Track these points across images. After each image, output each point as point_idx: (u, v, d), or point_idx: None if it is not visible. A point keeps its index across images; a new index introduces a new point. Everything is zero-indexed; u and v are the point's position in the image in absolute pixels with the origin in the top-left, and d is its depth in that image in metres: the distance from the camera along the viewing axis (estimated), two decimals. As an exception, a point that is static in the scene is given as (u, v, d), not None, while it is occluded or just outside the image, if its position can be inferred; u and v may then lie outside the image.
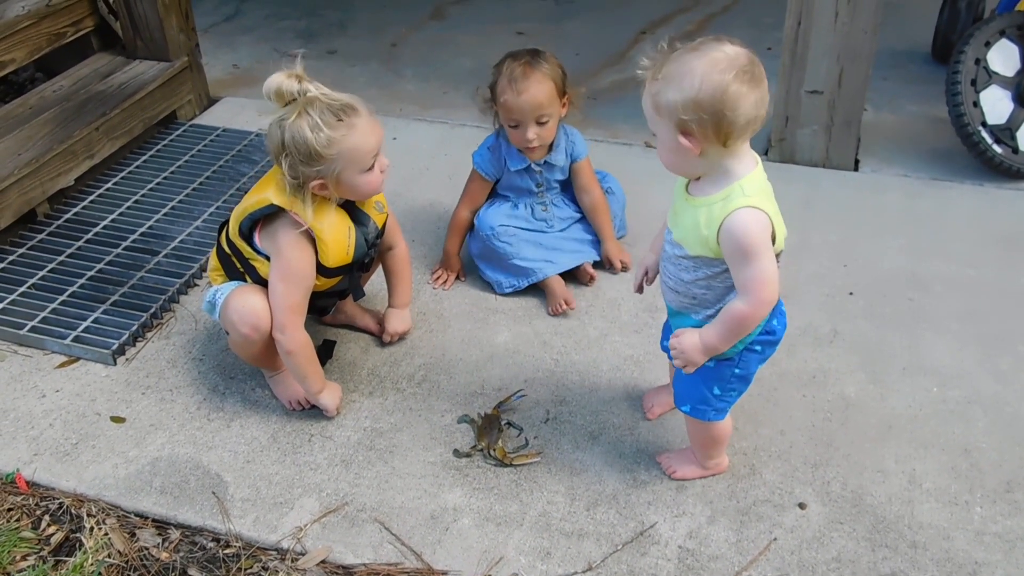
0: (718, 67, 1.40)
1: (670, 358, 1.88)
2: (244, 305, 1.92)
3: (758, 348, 1.65)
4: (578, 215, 2.49)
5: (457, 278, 2.49)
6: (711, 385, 1.69)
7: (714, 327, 1.58)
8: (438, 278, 2.48)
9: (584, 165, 2.41)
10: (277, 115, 1.80)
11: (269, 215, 1.90)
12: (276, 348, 1.97)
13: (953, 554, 1.71)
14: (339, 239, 1.93)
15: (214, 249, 2.07)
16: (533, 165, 2.36)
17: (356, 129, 1.81)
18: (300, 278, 1.91)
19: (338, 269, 1.97)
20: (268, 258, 1.93)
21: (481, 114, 2.35)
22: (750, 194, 1.48)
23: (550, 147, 2.35)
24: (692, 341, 1.60)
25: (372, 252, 2.06)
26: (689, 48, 1.44)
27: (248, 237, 1.94)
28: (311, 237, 1.89)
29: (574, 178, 2.43)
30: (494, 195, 2.45)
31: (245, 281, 2.00)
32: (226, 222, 2.02)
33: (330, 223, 1.91)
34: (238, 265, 1.99)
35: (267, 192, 1.89)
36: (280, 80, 1.79)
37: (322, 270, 1.94)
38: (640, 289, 1.86)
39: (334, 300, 2.18)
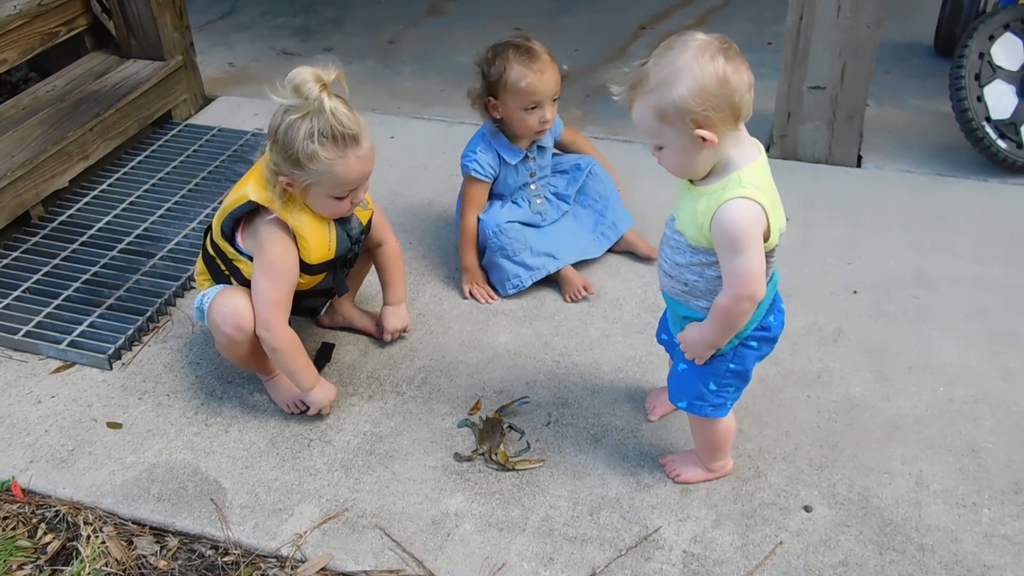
0: (704, 53, 1.41)
1: (667, 351, 1.88)
2: (226, 305, 1.90)
3: (753, 344, 1.64)
4: (567, 207, 2.48)
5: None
6: (706, 380, 1.68)
7: (708, 321, 1.59)
8: (479, 295, 2.37)
9: (567, 132, 2.53)
10: (289, 102, 1.77)
11: (250, 213, 1.89)
12: (263, 349, 1.94)
13: (961, 557, 1.69)
14: (319, 236, 1.91)
15: (200, 254, 2.05)
16: (528, 153, 2.36)
17: (345, 160, 1.79)
18: (283, 274, 1.89)
19: (321, 266, 1.96)
20: (251, 258, 1.92)
21: (475, 111, 2.33)
22: (747, 184, 1.47)
23: None
24: (693, 335, 1.63)
25: (356, 248, 2.04)
26: (662, 51, 1.45)
27: (230, 237, 1.93)
28: (292, 234, 1.88)
29: (567, 146, 2.56)
30: (489, 198, 2.42)
31: (230, 283, 1.97)
32: (210, 226, 2.00)
33: (309, 219, 1.89)
34: (222, 267, 1.97)
35: (246, 187, 1.88)
36: (305, 78, 1.74)
37: (304, 267, 1.92)
38: None
39: (322, 300, 2.15)
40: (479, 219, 2.37)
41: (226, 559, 1.75)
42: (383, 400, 2.09)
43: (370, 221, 2.05)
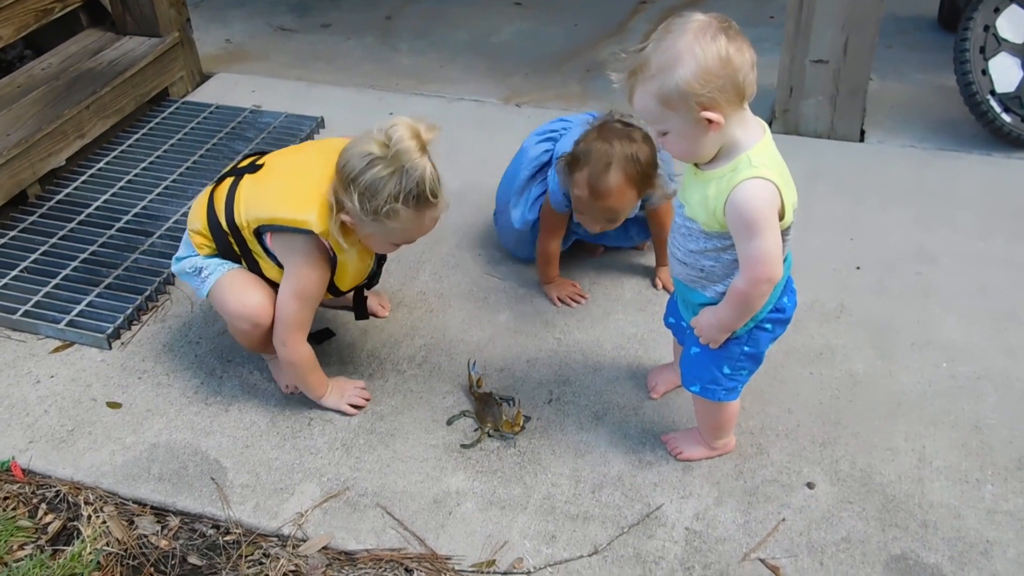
0: (704, 34, 1.38)
1: (674, 335, 1.87)
2: (246, 304, 1.87)
3: (768, 326, 1.62)
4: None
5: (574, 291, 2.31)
6: (720, 364, 1.67)
7: (725, 304, 1.57)
8: (572, 300, 2.27)
9: (662, 209, 2.18)
10: (378, 152, 1.69)
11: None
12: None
13: (964, 533, 1.69)
14: (359, 268, 1.92)
15: (203, 206, 1.91)
16: None
17: (422, 220, 1.77)
18: (314, 299, 1.88)
19: (349, 289, 1.98)
20: (275, 259, 1.87)
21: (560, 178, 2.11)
22: (757, 164, 1.45)
23: None
24: (709, 319, 1.61)
25: (379, 273, 2.06)
26: (660, 34, 1.41)
27: (259, 235, 1.86)
28: (331, 257, 1.85)
29: (651, 221, 2.26)
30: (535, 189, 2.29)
31: (236, 261, 1.92)
32: (222, 182, 1.91)
33: (355, 254, 1.87)
34: (235, 248, 1.91)
35: (308, 215, 1.77)
36: (403, 135, 1.67)
37: (333, 289, 1.92)
38: None
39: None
40: (514, 214, 2.28)
41: (227, 538, 1.75)
42: (383, 379, 2.08)
43: None
